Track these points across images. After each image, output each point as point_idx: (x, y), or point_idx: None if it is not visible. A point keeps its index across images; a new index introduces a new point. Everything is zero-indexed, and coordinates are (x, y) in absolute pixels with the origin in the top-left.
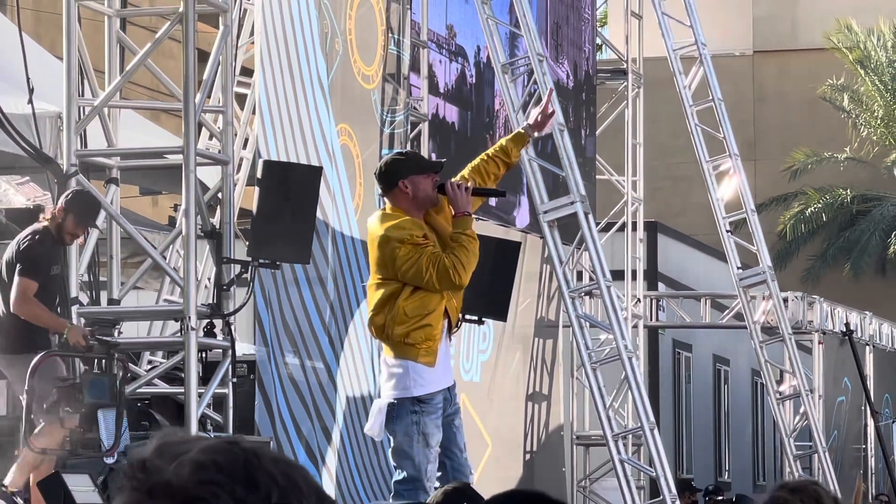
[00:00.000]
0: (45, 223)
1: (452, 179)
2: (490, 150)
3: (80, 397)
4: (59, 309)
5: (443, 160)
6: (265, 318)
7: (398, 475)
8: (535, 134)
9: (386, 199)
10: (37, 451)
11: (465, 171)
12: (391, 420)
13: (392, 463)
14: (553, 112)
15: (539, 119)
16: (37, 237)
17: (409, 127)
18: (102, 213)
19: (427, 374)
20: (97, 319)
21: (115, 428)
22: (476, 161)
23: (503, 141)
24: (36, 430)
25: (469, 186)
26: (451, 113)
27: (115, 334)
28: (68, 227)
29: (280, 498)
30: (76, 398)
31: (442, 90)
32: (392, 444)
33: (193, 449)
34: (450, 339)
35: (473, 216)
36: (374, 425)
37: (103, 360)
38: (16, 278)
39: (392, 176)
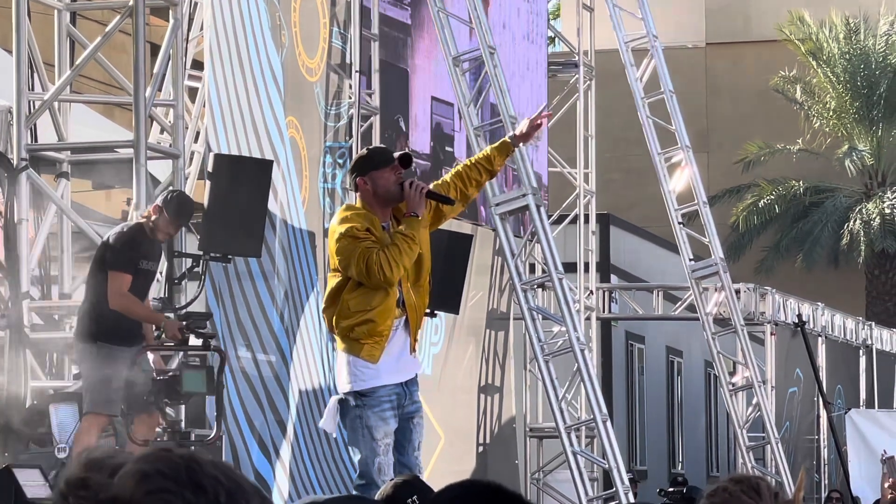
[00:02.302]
0: (142, 220)
1: (416, 181)
2: (474, 158)
3: (179, 388)
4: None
5: (404, 152)
6: (216, 312)
7: (356, 471)
8: (521, 144)
9: (356, 196)
10: (140, 444)
11: (448, 177)
12: (342, 414)
13: (353, 458)
14: (541, 125)
15: (527, 130)
16: (129, 232)
17: (359, 119)
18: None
19: (368, 369)
20: (191, 313)
21: (217, 415)
22: (459, 167)
23: (488, 149)
24: (133, 424)
25: (424, 188)
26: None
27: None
28: (161, 226)
29: (227, 499)
30: (175, 390)
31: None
32: (346, 438)
33: (128, 461)
34: (414, 339)
35: (420, 217)
36: (327, 420)
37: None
38: (110, 273)
39: (355, 173)
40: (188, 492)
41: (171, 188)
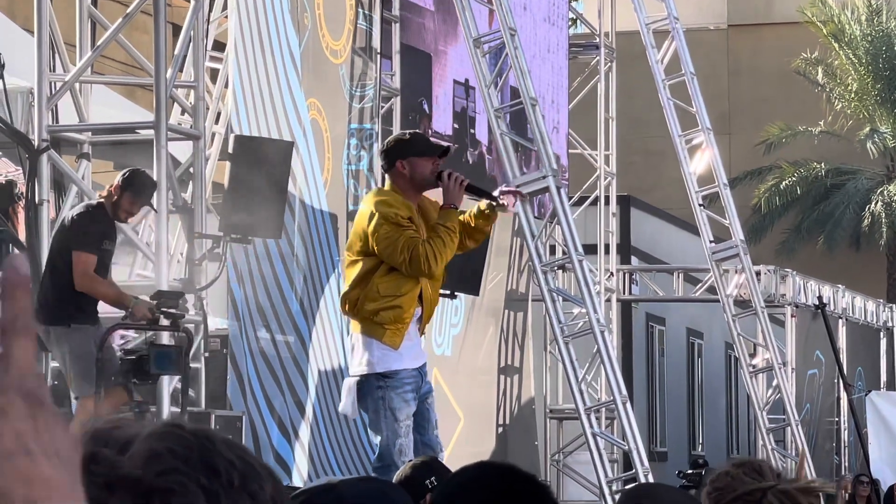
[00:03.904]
0: (101, 199)
1: (455, 172)
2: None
3: (148, 368)
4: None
5: (448, 144)
6: (237, 293)
7: (375, 452)
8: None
9: (387, 177)
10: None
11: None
12: (361, 397)
13: (373, 441)
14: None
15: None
16: (91, 212)
17: (379, 101)
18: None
19: (390, 352)
20: (162, 292)
21: (182, 394)
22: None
23: (472, 220)
24: (99, 399)
25: (464, 181)
26: None
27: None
28: (124, 205)
29: (241, 481)
30: (143, 370)
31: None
32: (367, 422)
33: (136, 434)
34: (421, 333)
35: (459, 210)
36: (346, 404)
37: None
38: (74, 254)
39: (392, 155)
40: (201, 474)
41: (128, 168)
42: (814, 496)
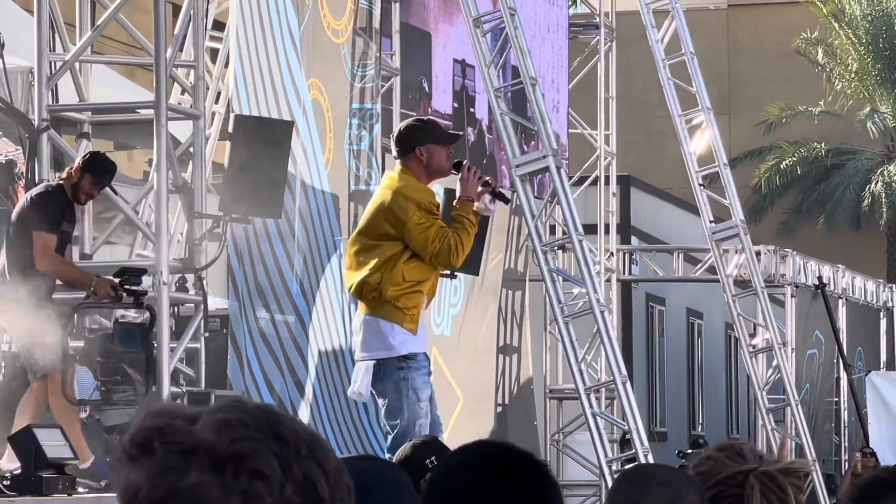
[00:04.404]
0: (61, 181)
1: (473, 166)
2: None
3: (113, 347)
4: None
5: (459, 132)
6: (237, 273)
7: (392, 433)
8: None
9: (397, 162)
10: (75, 403)
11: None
12: (378, 380)
13: (386, 425)
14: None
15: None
16: (50, 193)
17: (379, 81)
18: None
19: (409, 336)
20: (126, 269)
21: (146, 372)
22: None
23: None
24: (69, 383)
25: (482, 176)
26: None
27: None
28: (84, 187)
29: (308, 451)
30: (108, 348)
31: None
32: (385, 404)
33: (204, 412)
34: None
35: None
36: (360, 387)
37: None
38: (34, 233)
39: (409, 141)
40: (273, 441)
41: (91, 150)
42: (795, 477)
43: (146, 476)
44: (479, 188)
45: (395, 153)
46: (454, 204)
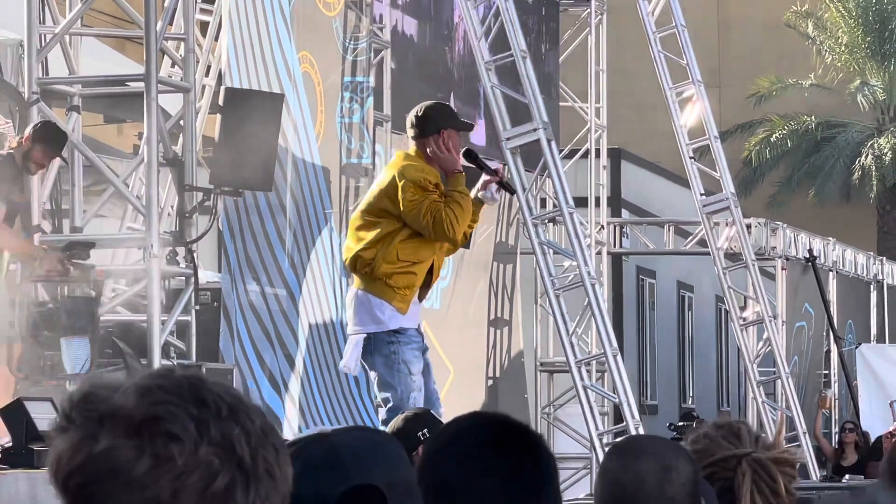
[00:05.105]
0: (11, 151)
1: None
2: None
3: (59, 322)
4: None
5: (472, 123)
6: (229, 246)
7: (385, 406)
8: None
9: (412, 143)
10: (21, 377)
11: None
12: (369, 353)
13: (378, 398)
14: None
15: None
16: (1, 163)
17: (371, 54)
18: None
19: (398, 314)
20: (74, 242)
21: (90, 352)
22: None
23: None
24: (16, 356)
25: (485, 164)
26: (409, 26)
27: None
28: (35, 157)
29: (230, 412)
30: (54, 322)
31: (401, 2)
32: (376, 378)
33: (129, 381)
34: (421, 300)
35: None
36: (349, 361)
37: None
38: None
39: (432, 123)
40: (191, 405)
41: (41, 119)
42: (788, 466)
43: (67, 443)
44: (487, 176)
45: (411, 133)
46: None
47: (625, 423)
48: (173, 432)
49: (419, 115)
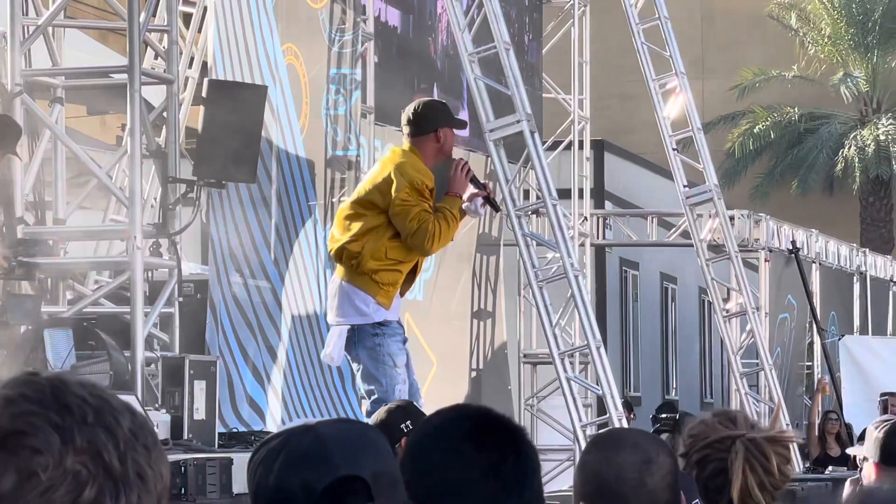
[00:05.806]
0: None
1: (465, 161)
2: None
3: (5, 319)
4: None
5: (465, 120)
6: (213, 238)
7: (369, 398)
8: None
9: (407, 139)
10: None
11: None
12: (353, 345)
13: (361, 391)
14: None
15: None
16: None
17: (359, 46)
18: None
19: (381, 308)
20: (21, 240)
21: (33, 348)
22: None
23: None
24: None
25: (471, 172)
26: (393, 16)
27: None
28: None
29: (95, 417)
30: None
31: None
32: (360, 370)
33: None
34: (402, 295)
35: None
36: (333, 351)
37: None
38: None
39: (430, 121)
40: (53, 413)
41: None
42: (782, 446)
43: None
44: (474, 190)
45: (407, 130)
46: (443, 196)
47: (608, 414)
48: (36, 446)
49: (417, 112)
